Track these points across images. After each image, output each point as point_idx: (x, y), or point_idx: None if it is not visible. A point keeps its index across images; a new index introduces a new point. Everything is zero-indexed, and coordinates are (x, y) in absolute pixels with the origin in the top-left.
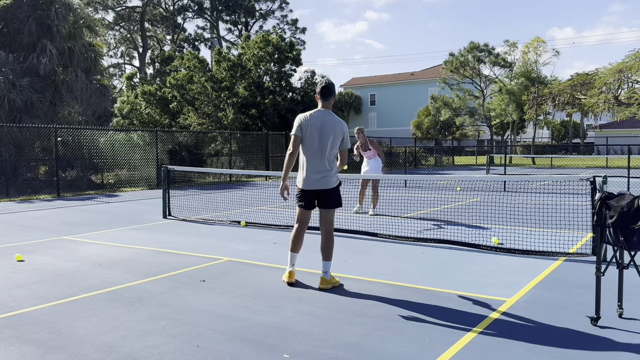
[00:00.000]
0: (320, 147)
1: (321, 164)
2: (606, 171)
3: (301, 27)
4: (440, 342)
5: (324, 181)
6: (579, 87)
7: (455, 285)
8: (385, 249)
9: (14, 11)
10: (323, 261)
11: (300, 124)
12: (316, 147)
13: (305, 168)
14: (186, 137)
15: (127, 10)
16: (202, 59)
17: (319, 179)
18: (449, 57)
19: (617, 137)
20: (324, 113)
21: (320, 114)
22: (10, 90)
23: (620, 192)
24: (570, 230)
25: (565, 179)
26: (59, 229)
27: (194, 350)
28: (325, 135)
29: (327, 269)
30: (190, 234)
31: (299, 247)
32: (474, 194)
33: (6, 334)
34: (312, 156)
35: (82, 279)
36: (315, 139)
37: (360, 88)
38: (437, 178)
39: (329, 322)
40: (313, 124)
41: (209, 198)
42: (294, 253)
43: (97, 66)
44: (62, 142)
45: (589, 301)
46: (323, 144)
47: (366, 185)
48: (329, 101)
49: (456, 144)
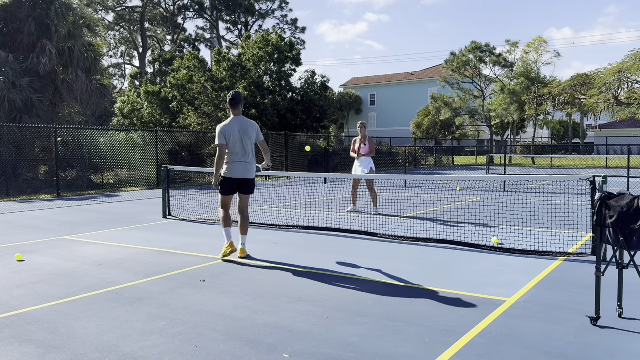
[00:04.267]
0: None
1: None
2: (606, 171)
3: (301, 27)
4: (440, 342)
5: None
6: (579, 87)
7: (455, 285)
8: (385, 249)
9: (14, 11)
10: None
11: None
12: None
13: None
14: (186, 137)
15: (127, 10)
16: (202, 59)
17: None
18: (450, 56)
19: (617, 137)
20: (238, 119)
21: (235, 121)
22: (10, 90)
23: (620, 192)
24: (570, 230)
25: (565, 179)
26: (59, 229)
27: (193, 350)
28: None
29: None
30: (190, 234)
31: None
32: (474, 194)
33: (6, 334)
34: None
35: (82, 279)
36: (237, 141)
37: (360, 88)
38: (437, 178)
39: (329, 322)
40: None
41: (209, 198)
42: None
43: (97, 66)
44: (62, 142)
45: (589, 301)
46: (244, 143)
47: (358, 186)
48: (239, 109)
49: (456, 144)
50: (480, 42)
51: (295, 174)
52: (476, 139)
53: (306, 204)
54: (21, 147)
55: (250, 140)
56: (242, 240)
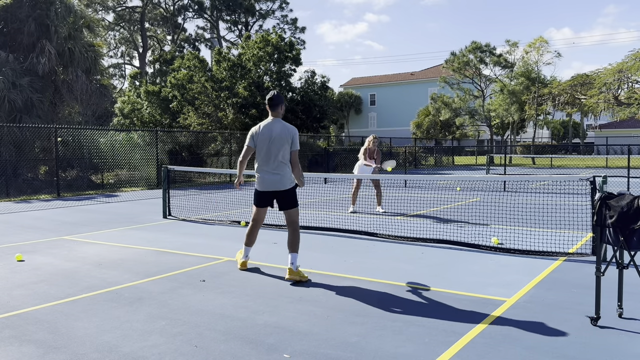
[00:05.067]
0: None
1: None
2: (606, 171)
3: (301, 27)
4: (440, 342)
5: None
6: (579, 87)
7: (455, 285)
8: (385, 249)
9: (14, 11)
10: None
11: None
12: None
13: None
14: (186, 137)
15: (127, 10)
16: (202, 58)
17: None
18: (450, 56)
19: (617, 137)
20: (273, 122)
21: (269, 123)
22: (10, 90)
23: (620, 192)
24: (570, 230)
25: (565, 179)
26: (59, 229)
27: (193, 350)
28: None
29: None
30: (190, 234)
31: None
32: (474, 194)
33: (6, 334)
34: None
35: (82, 278)
36: (264, 146)
37: (360, 88)
38: (437, 178)
39: (329, 322)
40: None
41: (209, 198)
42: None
43: (97, 66)
44: (62, 142)
45: (589, 301)
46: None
47: (360, 186)
48: (277, 111)
49: (456, 144)
50: (480, 42)
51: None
52: (476, 139)
53: (306, 204)
54: (21, 147)
55: (279, 148)
56: (290, 259)
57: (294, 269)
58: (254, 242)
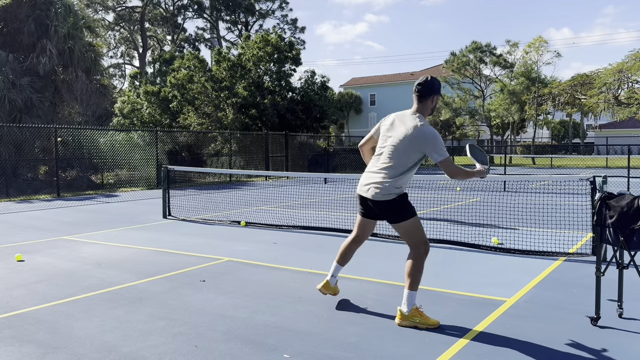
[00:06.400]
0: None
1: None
2: (606, 171)
3: (300, 27)
4: (439, 342)
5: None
6: (579, 87)
7: (455, 285)
8: (385, 249)
9: (14, 11)
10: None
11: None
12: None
13: None
14: (186, 137)
15: (127, 10)
16: (202, 58)
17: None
18: (450, 56)
19: (617, 137)
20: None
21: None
22: (10, 90)
23: (620, 192)
24: (570, 230)
25: (565, 179)
26: (59, 229)
27: (193, 350)
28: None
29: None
30: (190, 234)
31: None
32: (474, 194)
33: (6, 334)
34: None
35: (81, 279)
36: (380, 138)
37: (360, 88)
38: (437, 178)
39: (329, 322)
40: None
41: (209, 198)
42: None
43: (97, 66)
44: (62, 142)
45: (589, 301)
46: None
47: None
48: (423, 103)
49: (456, 144)
50: (480, 42)
51: (295, 174)
52: (476, 138)
53: (306, 204)
54: (21, 147)
55: (395, 145)
56: (404, 297)
57: (406, 311)
58: (344, 260)
